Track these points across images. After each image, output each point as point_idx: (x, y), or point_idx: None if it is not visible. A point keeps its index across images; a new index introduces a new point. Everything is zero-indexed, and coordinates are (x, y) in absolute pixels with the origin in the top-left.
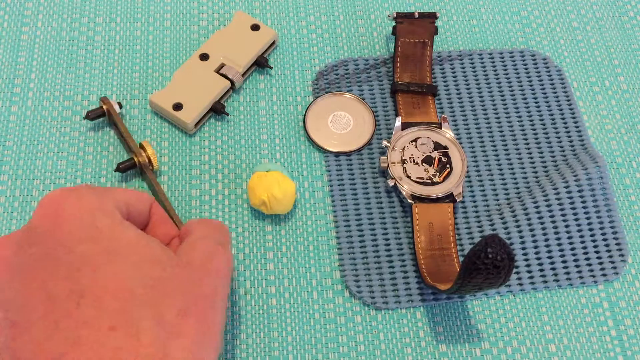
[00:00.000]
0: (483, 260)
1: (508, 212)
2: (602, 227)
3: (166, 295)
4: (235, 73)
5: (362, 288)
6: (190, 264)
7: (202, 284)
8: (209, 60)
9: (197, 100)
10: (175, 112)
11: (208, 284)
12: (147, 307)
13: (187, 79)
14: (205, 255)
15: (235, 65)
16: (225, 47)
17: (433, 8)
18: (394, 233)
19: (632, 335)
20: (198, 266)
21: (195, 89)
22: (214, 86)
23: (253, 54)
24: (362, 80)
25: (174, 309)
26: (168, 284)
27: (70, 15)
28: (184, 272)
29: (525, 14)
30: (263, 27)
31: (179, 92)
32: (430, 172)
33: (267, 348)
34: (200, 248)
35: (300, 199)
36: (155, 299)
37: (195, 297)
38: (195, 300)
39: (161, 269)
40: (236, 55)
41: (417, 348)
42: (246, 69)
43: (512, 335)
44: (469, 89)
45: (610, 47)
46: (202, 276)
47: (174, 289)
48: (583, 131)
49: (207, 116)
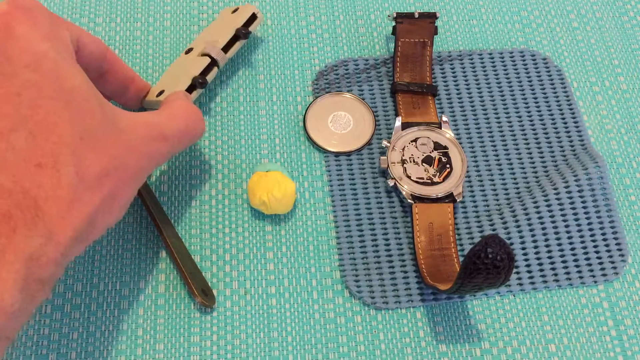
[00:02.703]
0: (483, 260)
1: (508, 212)
2: (602, 227)
3: (94, 150)
4: (214, 49)
5: (362, 288)
6: (127, 133)
7: (130, 157)
8: (193, 51)
9: (178, 83)
10: (159, 98)
11: (137, 160)
12: (73, 156)
13: (172, 71)
14: (148, 134)
15: (215, 43)
16: (207, 36)
17: (433, 8)
18: (394, 233)
19: (632, 335)
20: (135, 139)
21: (178, 76)
22: (194, 66)
23: (231, 29)
24: (362, 80)
25: (97, 167)
26: (99, 141)
27: (70, 15)
28: (119, 137)
29: (525, 14)
30: (242, 6)
31: (163, 83)
32: (430, 172)
33: (267, 348)
34: (148, 120)
35: (300, 199)
36: (83, 150)
37: (118, 165)
38: (117, 168)
39: (96, 124)
40: (216, 36)
41: (417, 348)
42: (226, 43)
43: (512, 335)
44: (469, 89)
45: (610, 47)
46: (135, 151)
47: (103, 149)
48: (583, 131)
49: (196, 95)
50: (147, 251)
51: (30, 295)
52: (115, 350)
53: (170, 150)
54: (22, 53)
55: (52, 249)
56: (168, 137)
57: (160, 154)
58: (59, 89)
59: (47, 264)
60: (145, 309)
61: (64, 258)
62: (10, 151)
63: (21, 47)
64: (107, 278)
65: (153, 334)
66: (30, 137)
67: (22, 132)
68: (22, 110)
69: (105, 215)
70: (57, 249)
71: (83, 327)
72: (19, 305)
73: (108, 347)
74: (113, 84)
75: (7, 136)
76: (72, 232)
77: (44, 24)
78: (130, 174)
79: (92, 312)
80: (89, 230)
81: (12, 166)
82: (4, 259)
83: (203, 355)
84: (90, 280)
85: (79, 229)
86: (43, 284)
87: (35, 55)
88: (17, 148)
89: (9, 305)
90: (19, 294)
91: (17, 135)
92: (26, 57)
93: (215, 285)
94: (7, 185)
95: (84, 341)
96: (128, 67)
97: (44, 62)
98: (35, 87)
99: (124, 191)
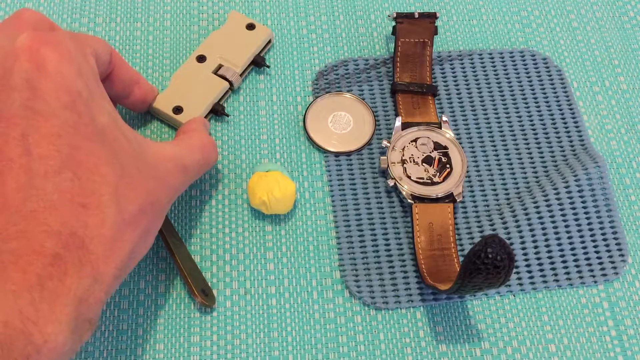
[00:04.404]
0: (483, 260)
1: (508, 212)
2: (602, 227)
3: (131, 187)
4: (233, 74)
5: (362, 288)
6: (156, 167)
7: (162, 191)
8: (207, 61)
9: (196, 103)
10: (175, 116)
11: (167, 193)
12: (114, 194)
13: (186, 82)
14: (173, 167)
15: (232, 65)
16: (221, 48)
17: (433, 8)
18: (394, 233)
19: (632, 335)
20: (164, 173)
21: (194, 92)
22: (212, 88)
23: (250, 54)
24: (362, 80)
25: (136, 204)
26: (134, 178)
27: (70, 15)
28: (150, 172)
29: (525, 14)
30: (258, 26)
31: (178, 96)
32: (430, 172)
33: (267, 348)
34: (174, 152)
35: (300, 199)
36: (122, 189)
37: (153, 201)
38: (152, 203)
39: (130, 160)
40: (233, 55)
41: (417, 348)
42: (244, 69)
43: (512, 335)
44: (469, 89)
45: (610, 47)
46: (165, 185)
47: (139, 186)
48: (583, 131)
49: (208, 118)
50: (147, 251)
51: (79, 335)
52: (115, 350)
53: (190, 180)
54: (58, 92)
55: (98, 289)
56: (189, 169)
57: (182, 185)
58: (93, 128)
59: (95, 304)
60: (145, 309)
61: (107, 296)
62: (57, 193)
63: (57, 85)
64: None
65: (153, 334)
66: (75, 179)
67: (66, 173)
68: (64, 151)
69: (141, 248)
70: (102, 289)
71: None
72: (70, 345)
73: (108, 347)
74: (118, 86)
75: (52, 178)
76: (115, 270)
77: (72, 54)
78: (163, 206)
79: None
80: (128, 266)
81: (60, 207)
82: (58, 301)
83: (203, 355)
84: None
85: (121, 267)
86: (90, 323)
87: (72, 95)
88: (63, 190)
89: (61, 346)
90: (71, 334)
91: (63, 177)
92: (64, 97)
93: (215, 285)
94: (55, 227)
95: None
96: (133, 70)
97: (79, 101)
98: (73, 127)
99: (157, 223)
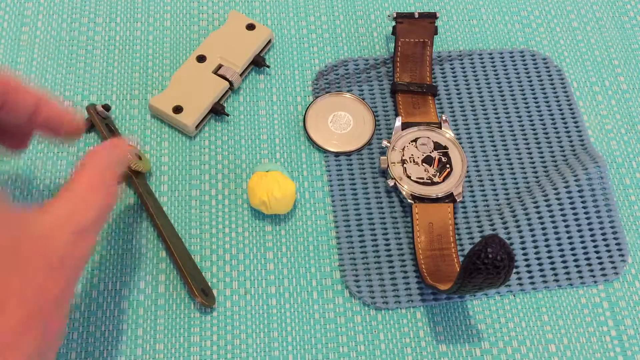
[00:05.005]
0: (483, 260)
1: (508, 212)
2: (602, 227)
3: (12, 292)
4: (233, 73)
5: (362, 288)
6: (35, 257)
7: (51, 280)
8: (206, 61)
9: (196, 103)
10: (175, 115)
11: (59, 278)
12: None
13: (186, 82)
14: (69, 243)
15: (232, 65)
16: (221, 48)
17: (433, 8)
18: (394, 233)
19: (632, 335)
20: (52, 252)
21: (194, 91)
22: (212, 88)
23: (250, 54)
24: (362, 80)
25: (18, 314)
26: (15, 278)
27: (70, 15)
28: (35, 262)
29: (525, 14)
30: (258, 26)
31: (178, 95)
32: (430, 172)
33: (267, 348)
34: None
35: (300, 199)
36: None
37: (43, 299)
38: (41, 303)
39: (3, 266)
40: (233, 55)
41: (417, 348)
42: (244, 69)
43: (512, 335)
44: (469, 89)
45: (610, 47)
46: (57, 269)
47: (19, 292)
48: (583, 131)
49: (207, 117)
50: (147, 251)
51: None
52: (115, 350)
53: (94, 239)
54: None
55: None
56: (89, 229)
57: (87, 250)
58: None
59: None
60: (145, 309)
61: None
62: None
63: None
64: (107, 278)
65: (153, 334)
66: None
67: None
68: None
69: (49, 351)
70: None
71: (83, 327)
72: None
73: (108, 347)
74: (17, 115)
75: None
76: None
77: None
78: (55, 295)
79: (92, 312)
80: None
81: None
82: None
83: (203, 355)
84: (90, 281)
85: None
86: None
87: None
88: None
89: None
90: None
91: None
92: None
93: (215, 285)
94: None
95: (84, 341)
96: (32, 92)
97: None
98: None
99: (58, 315)
